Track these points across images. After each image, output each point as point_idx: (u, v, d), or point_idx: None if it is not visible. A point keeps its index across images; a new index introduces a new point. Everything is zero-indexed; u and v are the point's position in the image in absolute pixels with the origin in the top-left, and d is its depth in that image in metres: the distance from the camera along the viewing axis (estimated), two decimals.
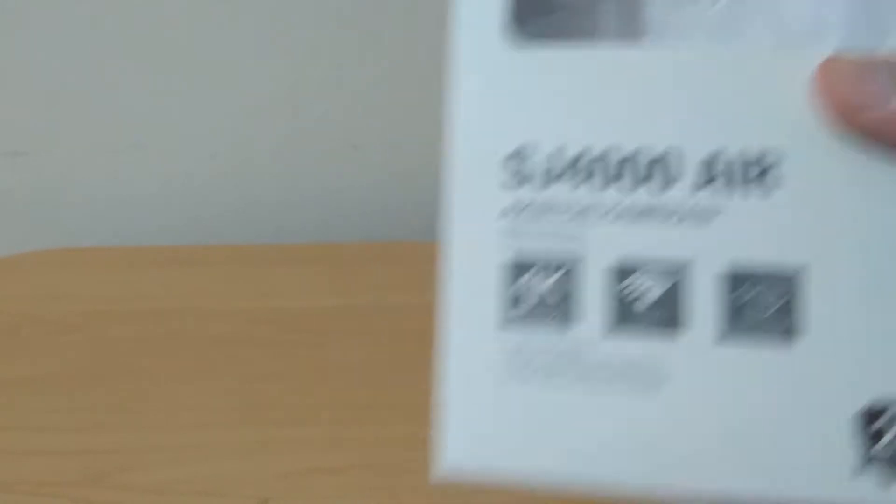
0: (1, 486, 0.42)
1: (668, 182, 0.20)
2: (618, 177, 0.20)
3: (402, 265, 0.53)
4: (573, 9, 0.24)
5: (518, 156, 0.21)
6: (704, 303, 0.20)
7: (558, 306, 0.20)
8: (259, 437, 0.42)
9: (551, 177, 0.21)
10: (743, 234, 0.20)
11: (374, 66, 0.55)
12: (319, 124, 0.56)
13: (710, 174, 0.20)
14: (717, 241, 0.20)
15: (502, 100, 0.21)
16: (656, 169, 0.20)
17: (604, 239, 0.20)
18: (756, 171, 0.20)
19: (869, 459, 0.19)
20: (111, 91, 0.54)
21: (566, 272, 0.20)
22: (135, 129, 0.55)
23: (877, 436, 0.19)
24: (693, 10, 0.23)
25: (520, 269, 0.21)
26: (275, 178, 0.56)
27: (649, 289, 0.20)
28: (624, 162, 0.20)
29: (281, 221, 0.57)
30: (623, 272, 0.20)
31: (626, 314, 0.20)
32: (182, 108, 0.54)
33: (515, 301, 0.21)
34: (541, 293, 0.20)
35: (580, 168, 0.21)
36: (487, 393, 0.21)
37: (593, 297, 0.20)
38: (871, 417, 0.19)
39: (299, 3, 0.51)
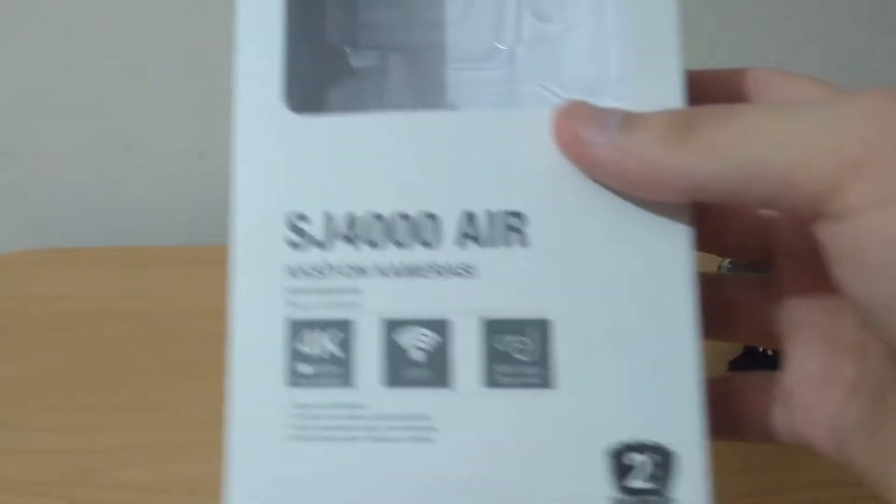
0: None
1: (430, 243, 0.22)
2: (386, 239, 0.22)
3: None
4: (366, 77, 0.26)
5: (300, 217, 0.22)
6: (468, 354, 0.21)
7: (341, 363, 0.21)
8: None
9: (330, 238, 0.22)
10: (497, 288, 0.21)
11: None
12: None
13: (466, 234, 0.22)
14: (476, 296, 0.21)
15: (281, 162, 0.22)
16: (419, 231, 0.22)
17: (377, 297, 0.21)
18: (504, 231, 0.21)
19: (625, 493, 0.21)
20: (103, 91, 0.54)
21: (346, 329, 0.21)
22: (126, 130, 0.55)
23: (628, 470, 0.21)
24: (484, 73, 0.25)
25: (304, 326, 0.22)
26: None
27: (419, 343, 0.21)
28: (391, 224, 0.22)
29: None
30: (395, 327, 0.21)
31: (400, 368, 0.21)
32: (175, 107, 0.54)
33: (300, 358, 0.21)
34: (324, 350, 0.21)
35: (353, 230, 0.22)
36: (272, 451, 0.21)
37: (370, 353, 0.21)
38: (622, 454, 0.21)
39: None
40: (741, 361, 0.40)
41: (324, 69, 0.25)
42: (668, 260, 0.21)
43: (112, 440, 0.43)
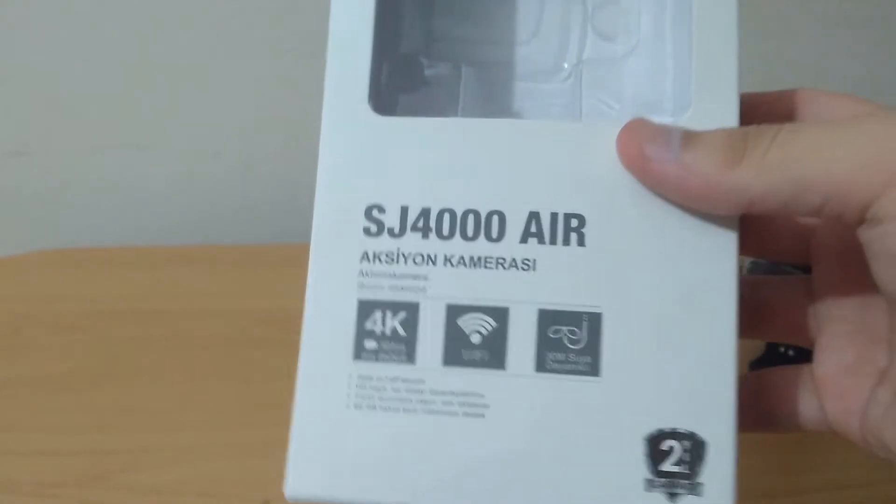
0: (2, 486, 0.42)
1: (495, 238, 0.24)
2: (455, 232, 0.24)
3: None
4: (438, 86, 0.28)
5: (377, 208, 0.24)
6: (523, 340, 0.23)
7: (404, 341, 0.24)
8: (260, 437, 0.42)
9: (403, 228, 0.24)
10: (554, 282, 0.23)
11: None
12: None
13: (529, 232, 0.24)
14: (534, 288, 0.23)
15: (364, 158, 0.24)
16: (486, 226, 0.24)
17: (443, 283, 0.24)
18: (564, 231, 0.24)
19: (658, 476, 0.22)
20: (112, 91, 0.54)
21: (412, 311, 0.24)
22: (136, 130, 0.55)
23: (662, 455, 0.22)
24: (549, 87, 0.28)
25: (373, 306, 0.24)
26: (277, 178, 0.56)
27: (478, 327, 0.23)
28: (461, 219, 0.24)
29: (282, 221, 0.57)
30: (458, 312, 0.24)
31: (458, 349, 0.23)
32: (183, 108, 0.54)
33: (367, 335, 0.24)
34: (390, 329, 0.24)
35: (426, 223, 0.24)
36: (334, 417, 0.23)
37: (432, 334, 0.24)
38: (658, 440, 0.22)
39: (303, 3, 0.51)
40: (763, 361, 0.40)
41: (399, 78, 0.28)
42: (713, 264, 0.23)
43: (125, 442, 0.44)
